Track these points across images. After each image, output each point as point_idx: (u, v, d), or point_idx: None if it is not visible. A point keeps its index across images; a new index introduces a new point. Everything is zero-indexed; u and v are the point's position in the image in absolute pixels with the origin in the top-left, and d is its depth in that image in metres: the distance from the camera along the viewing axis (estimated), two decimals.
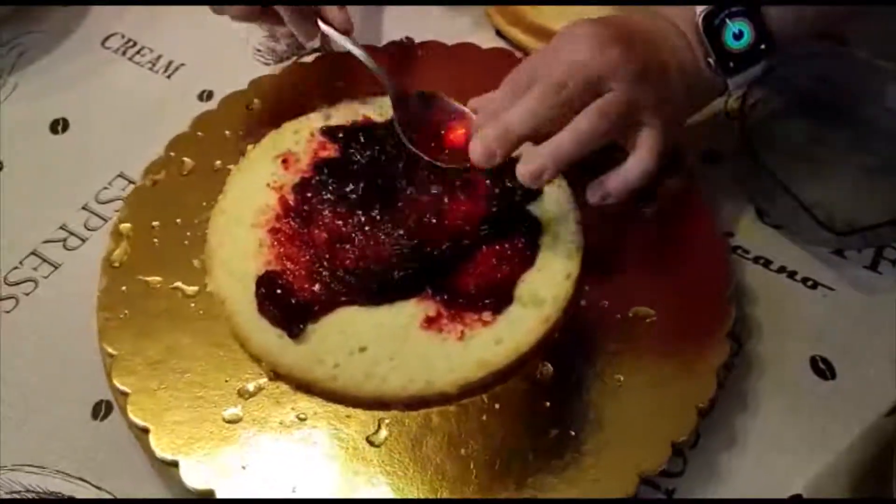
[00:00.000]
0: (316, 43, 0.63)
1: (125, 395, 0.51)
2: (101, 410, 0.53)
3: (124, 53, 0.73)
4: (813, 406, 0.54)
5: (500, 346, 0.52)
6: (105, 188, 0.64)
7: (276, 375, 0.51)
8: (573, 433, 0.49)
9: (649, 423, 0.50)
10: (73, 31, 0.75)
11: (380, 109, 0.62)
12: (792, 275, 0.60)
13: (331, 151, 0.60)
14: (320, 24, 0.62)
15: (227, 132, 0.63)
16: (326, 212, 0.57)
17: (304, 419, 0.50)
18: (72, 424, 0.53)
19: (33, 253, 0.61)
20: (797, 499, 0.51)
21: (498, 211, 0.57)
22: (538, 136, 0.51)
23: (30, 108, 0.69)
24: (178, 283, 0.55)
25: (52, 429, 0.53)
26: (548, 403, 0.51)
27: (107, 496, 0.50)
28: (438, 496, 0.48)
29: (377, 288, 0.53)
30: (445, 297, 0.53)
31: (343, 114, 0.62)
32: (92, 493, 0.50)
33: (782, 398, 0.54)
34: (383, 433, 0.50)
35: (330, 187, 0.58)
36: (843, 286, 0.59)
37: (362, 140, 0.60)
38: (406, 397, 0.50)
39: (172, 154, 0.62)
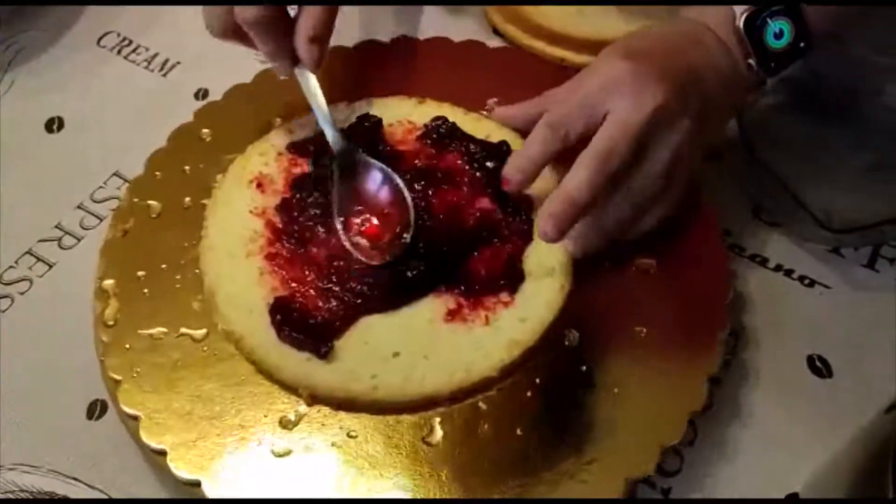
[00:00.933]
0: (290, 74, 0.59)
1: (165, 453, 0.49)
2: (96, 410, 0.53)
3: (119, 52, 0.73)
4: (810, 404, 0.54)
5: (527, 324, 0.52)
6: (100, 187, 0.64)
7: (315, 399, 0.50)
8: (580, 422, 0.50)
9: (640, 425, 0.50)
10: (69, 30, 0.74)
11: (339, 115, 0.61)
12: (789, 273, 0.60)
13: (303, 166, 0.59)
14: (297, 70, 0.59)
15: (185, 168, 0.61)
16: (318, 228, 0.56)
17: (355, 436, 0.49)
18: (66, 424, 0.53)
19: (28, 252, 0.61)
20: (794, 497, 0.51)
21: (489, 194, 0.57)
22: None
23: (25, 106, 0.69)
24: (184, 330, 0.53)
25: (47, 428, 0.53)
26: (583, 367, 0.51)
27: (101, 496, 0.50)
28: (511, 477, 0.48)
29: (392, 291, 0.53)
30: (461, 287, 0.53)
31: (304, 127, 0.61)
32: (86, 493, 0.50)
33: (779, 397, 0.54)
34: (438, 432, 0.49)
35: (313, 202, 0.57)
36: (841, 284, 0.59)
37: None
38: (449, 392, 0.50)
39: (136, 200, 0.59)
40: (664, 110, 0.51)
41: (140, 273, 0.56)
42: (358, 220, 0.56)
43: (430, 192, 0.57)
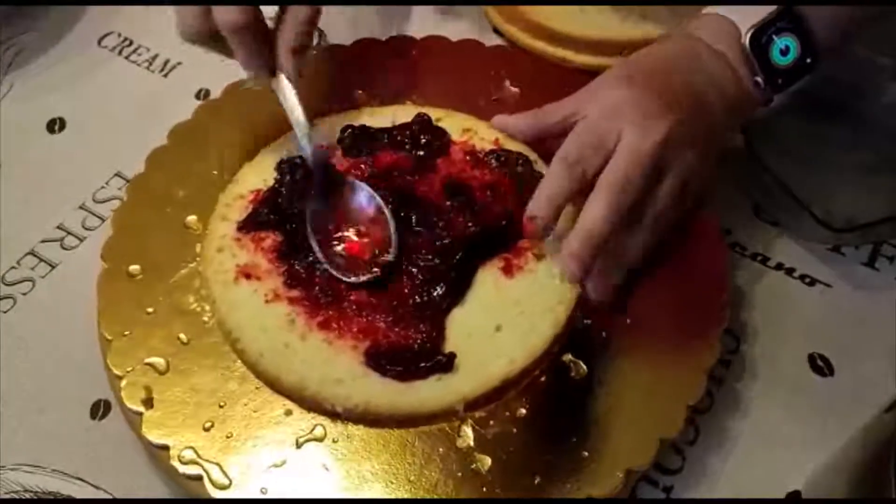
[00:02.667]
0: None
1: (168, 449, 0.49)
2: (100, 410, 0.53)
3: (120, 52, 0.73)
4: (811, 403, 0.54)
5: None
6: (102, 187, 0.64)
7: (470, 406, 0.50)
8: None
9: (638, 420, 0.50)
10: (70, 31, 0.74)
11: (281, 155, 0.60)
12: (790, 272, 0.60)
13: (272, 235, 0.56)
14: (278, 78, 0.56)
15: (186, 165, 0.61)
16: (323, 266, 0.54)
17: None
18: (70, 424, 0.53)
19: (31, 253, 0.61)
20: (796, 495, 0.51)
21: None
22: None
23: (26, 107, 0.69)
24: (186, 326, 0.53)
25: (51, 429, 0.53)
26: (582, 362, 0.52)
27: (105, 496, 0.50)
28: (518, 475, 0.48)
29: (451, 277, 0.53)
30: (497, 248, 0.55)
31: (252, 177, 0.59)
32: (90, 493, 0.50)
33: (780, 395, 0.54)
34: (468, 435, 0.50)
35: (307, 246, 0.54)
36: (841, 283, 0.59)
37: (292, 186, 0.58)
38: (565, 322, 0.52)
39: (137, 198, 0.59)
40: (673, 138, 0.51)
41: (141, 271, 0.56)
42: (337, 237, 0.55)
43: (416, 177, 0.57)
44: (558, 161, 0.52)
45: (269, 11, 0.55)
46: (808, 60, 0.55)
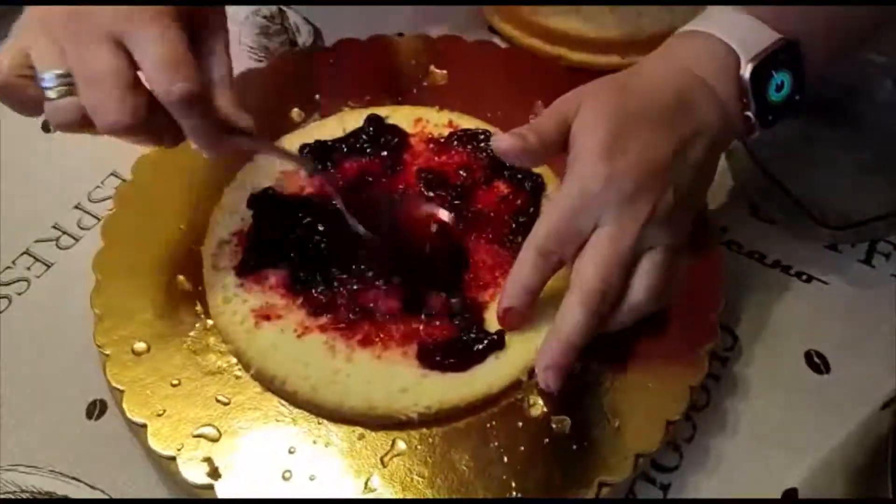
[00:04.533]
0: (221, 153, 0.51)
1: (173, 457, 0.48)
2: (96, 410, 0.53)
3: None
4: (808, 400, 0.54)
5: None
6: (98, 187, 0.64)
7: (531, 374, 0.50)
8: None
9: (645, 403, 0.50)
10: None
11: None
12: (786, 269, 0.60)
13: (272, 271, 0.55)
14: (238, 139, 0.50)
15: (180, 164, 0.59)
16: (340, 289, 0.53)
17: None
18: (66, 424, 0.53)
19: (26, 252, 0.61)
20: (792, 494, 0.51)
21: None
22: None
23: None
24: (183, 327, 0.53)
25: (47, 429, 0.53)
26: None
27: (102, 496, 0.50)
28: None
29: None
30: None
31: (225, 219, 0.58)
32: (86, 493, 0.50)
33: (777, 393, 0.54)
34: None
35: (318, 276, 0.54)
36: (838, 280, 0.59)
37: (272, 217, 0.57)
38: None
39: (131, 197, 0.58)
40: (651, 222, 0.48)
41: (137, 272, 0.55)
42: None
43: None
44: (532, 249, 0.49)
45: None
46: (797, 97, 0.52)
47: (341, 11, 0.75)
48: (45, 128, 0.67)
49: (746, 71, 0.50)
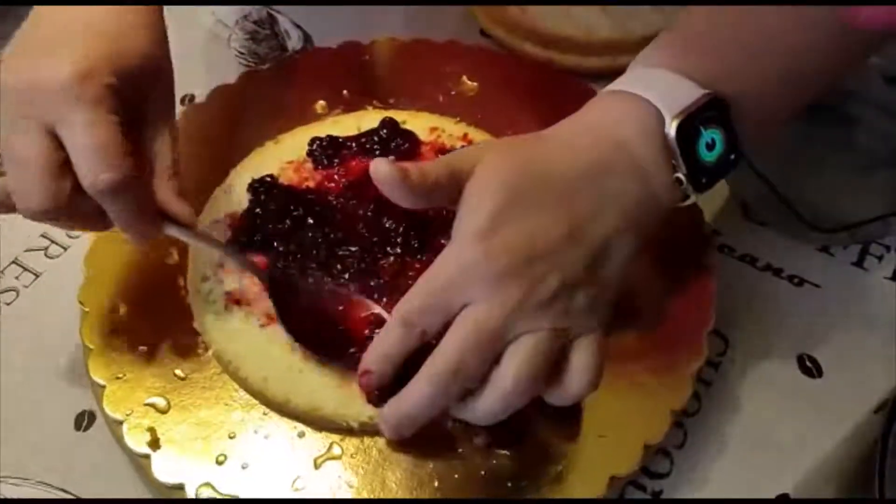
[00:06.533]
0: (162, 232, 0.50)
1: (149, 457, 0.48)
2: (84, 421, 0.53)
3: None
4: (800, 404, 0.54)
5: None
6: None
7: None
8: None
9: (623, 426, 0.49)
10: None
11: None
12: (778, 272, 0.60)
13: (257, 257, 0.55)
14: (167, 225, 0.49)
15: None
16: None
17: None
18: (55, 435, 0.53)
19: (14, 262, 0.60)
20: (785, 498, 0.51)
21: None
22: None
23: None
24: (171, 338, 0.53)
25: (35, 440, 0.52)
26: None
27: None
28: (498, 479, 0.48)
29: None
30: None
31: (223, 200, 0.58)
32: None
33: (769, 397, 0.54)
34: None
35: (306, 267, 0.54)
36: (830, 283, 0.59)
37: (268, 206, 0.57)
38: None
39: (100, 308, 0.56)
40: (523, 307, 0.43)
41: (126, 281, 0.55)
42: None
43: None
44: (398, 318, 0.45)
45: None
46: (732, 157, 0.48)
47: (331, 17, 0.74)
48: None
49: (671, 128, 0.45)
